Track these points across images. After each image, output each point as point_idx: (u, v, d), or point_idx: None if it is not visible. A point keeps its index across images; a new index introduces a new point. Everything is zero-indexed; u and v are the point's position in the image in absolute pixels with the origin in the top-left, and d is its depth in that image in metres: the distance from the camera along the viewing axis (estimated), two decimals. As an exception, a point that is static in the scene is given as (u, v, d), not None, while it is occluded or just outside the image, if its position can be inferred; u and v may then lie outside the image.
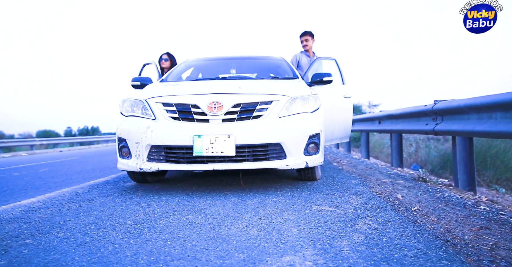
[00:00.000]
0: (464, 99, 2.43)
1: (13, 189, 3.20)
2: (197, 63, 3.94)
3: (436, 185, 2.71)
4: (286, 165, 2.35)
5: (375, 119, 4.80)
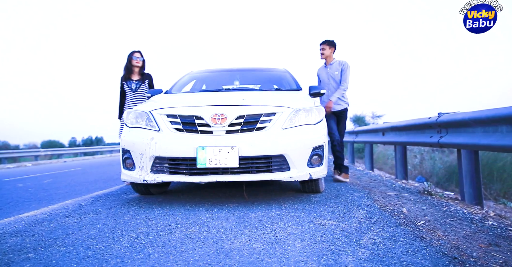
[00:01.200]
0: (468, 113, 2.41)
1: (17, 201, 3.20)
2: (201, 75, 3.98)
3: (442, 199, 2.67)
4: (290, 177, 2.33)
5: (379, 131, 4.79)
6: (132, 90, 3.72)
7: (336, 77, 3.77)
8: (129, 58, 3.77)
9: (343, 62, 3.75)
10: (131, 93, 3.73)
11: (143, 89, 3.76)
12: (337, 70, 3.73)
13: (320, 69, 3.94)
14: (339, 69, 3.73)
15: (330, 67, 3.81)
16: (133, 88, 3.72)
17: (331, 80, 3.80)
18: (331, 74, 3.79)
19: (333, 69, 3.78)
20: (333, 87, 3.77)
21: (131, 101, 3.73)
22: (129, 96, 3.74)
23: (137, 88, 3.74)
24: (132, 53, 3.82)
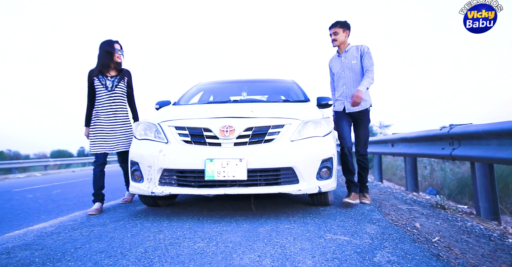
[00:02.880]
0: (482, 125, 2.36)
1: (27, 212, 3.22)
2: (208, 86, 4.01)
3: (456, 213, 2.59)
4: (299, 190, 2.30)
5: (388, 142, 4.72)
6: (108, 89, 2.92)
7: (355, 67, 2.94)
8: (107, 50, 2.93)
9: (363, 46, 2.95)
10: (105, 92, 2.92)
11: (122, 89, 3.00)
12: (355, 58, 2.94)
13: (332, 59, 3.16)
14: (358, 57, 2.94)
15: (345, 55, 3.01)
16: (109, 86, 2.93)
17: (348, 71, 2.98)
18: (346, 64, 2.98)
19: (349, 58, 2.99)
20: (352, 80, 2.97)
21: (106, 102, 2.92)
22: (103, 96, 2.92)
23: (115, 86, 2.95)
24: (111, 43, 2.96)
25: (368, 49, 2.96)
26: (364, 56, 2.92)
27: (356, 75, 2.94)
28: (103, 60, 2.93)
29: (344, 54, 3.02)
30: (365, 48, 2.96)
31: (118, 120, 2.97)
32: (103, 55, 2.94)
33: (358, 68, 2.94)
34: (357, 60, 2.94)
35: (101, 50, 2.94)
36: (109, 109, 2.93)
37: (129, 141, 2.98)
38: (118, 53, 2.98)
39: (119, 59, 3.00)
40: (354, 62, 2.94)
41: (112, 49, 2.94)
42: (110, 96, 2.93)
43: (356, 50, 2.96)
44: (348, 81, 2.99)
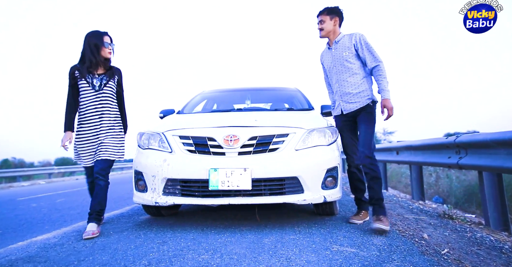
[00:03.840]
0: (489, 134, 2.33)
1: (31, 222, 3.21)
2: (212, 94, 4.02)
3: (464, 223, 2.54)
4: (304, 200, 2.28)
5: (393, 149, 4.68)
6: (95, 89, 2.48)
7: (349, 58, 2.46)
8: (94, 43, 2.45)
9: (356, 35, 2.46)
10: (91, 93, 2.47)
11: (111, 88, 2.55)
12: (347, 49, 2.46)
13: (323, 53, 2.70)
14: (351, 47, 2.45)
15: (336, 47, 2.53)
16: (97, 85, 2.48)
17: (339, 65, 2.50)
18: (337, 57, 2.50)
19: (340, 49, 2.50)
20: (345, 76, 2.48)
21: (92, 104, 2.47)
22: (89, 96, 2.47)
23: (103, 85, 2.50)
24: (99, 35, 2.48)
25: (364, 38, 2.45)
26: (361, 48, 2.43)
27: (349, 70, 2.46)
28: (90, 56, 2.45)
29: (335, 45, 2.54)
30: (359, 36, 2.45)
31: (104, 125, 2.50)
32: (90, 49, 2.45)
33: (351, 61, 2.46)
34: (350, 52, 2.45)
35: (87, 43, 2.46)
36: (95, 112, 2.47)
37: (115, 149, 2.52)
38: (108, 47, 2.50)
39: (109, 55, 2.53)
40: (345, 54, 2.46)
41: (101, 42, 2.46)
42: (97, 97, 2.47)
43: (349, 39, 2.48)
44: (341, 78, 2.50)
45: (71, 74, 2.49)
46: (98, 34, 2.48)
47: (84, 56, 2.49)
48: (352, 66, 2.47)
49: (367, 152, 2.35)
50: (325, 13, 2.51)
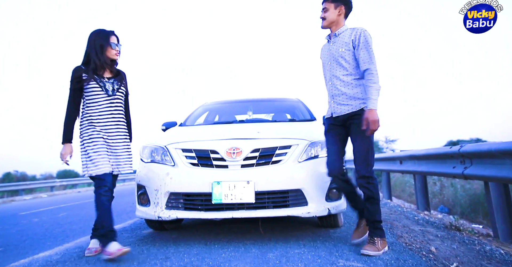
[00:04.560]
0: (495, 143, 2.31)
1: (32, 238, 3.18)
2: (214, 106, 4.04)
3: (472, 235, 2.50)
4: (308, 213, 2.25)
5: (396, 159, 4.65)
6: (108, 93, 2.24)
7: (345, 55, 2.13)
8: (99, 43, 2.21)
9: (358, 30, 2.13)
10: (104, 97, 2.22)
11: (122, 94, 2.34)
12: (345, 45, 2.14)
13: (323, 47, 2.37)
14: (349, 43, 2.13)
15: (335, 41, 2.22)
16: (109, 89, 2.25)
17: (334, 62, 2.19)
18: (334, 52, 2.19)
19: (338, 44, 2.18)
20: (339, 73, 2.16)
21: (107, 109, 2.23)
22: (103, 102, 2.22)
23: (115, 90, 2.28)
24: (106, 35, 2.24)
25: (366, 34, 2.11)
26: (359, 45, 2.10)
27: (344, 68, 2.15)
28: (95, 57, 2.20)
29: (334, 38, 2.22)
30: (361, 32, 2.12)
31: (121, 134, 2.30)
32: (96, 50, 2.20)
33: (347, 59, 2.14)
34: (347, 48, 2.13)
35: (92, 43, 2.21)
36: (111, 118, 2.24)
37: (131, 161, 2.37)
38: (115, 48, 2.26)
39: (116, 57, 2.29)
40: (342, 50, 2.14)
41: (107, 42, 2.21)
42: (111, 103, 2.24)
43: (350, 34, 2.15)
44: (334, 76, 2.19)
45: (77, 77, 2.18)
46: (104, 33, 2.23)
47: (88, 57, 2.24)
48: (347, 65, 2.14)
49: (363, 171, 2.06)
50: (330, 0, 2.18)
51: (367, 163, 2.06)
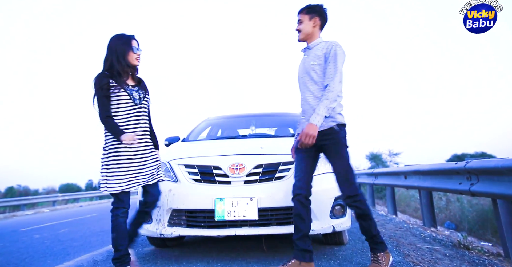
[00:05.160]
0: (501, 160, 2.28)
1: (33, 256, 3.14)
2: (216, 121, 4.05)
3: (482, 254, 2.43)
4: (312, 230, 2.21)
5: (401, 174, 4.60)
6: (135, 102, 2.11)
7: (316, 69, 2.05)
8: (121, 48, 2.08)
9: (332, 43, 2.05)
10: (131, 106, 2.09)
11: (147, 103, 2.22)
12: (318, 58, 2.06)
13: (300, 61, 2.25)
14: (321, 57, 2.05)
15: (308, 54, 2.15)
16: (137, 98, 2.12)
17: (306, 75, 2.11)
18: (306, 65, 2.12)
19: (311, 57, 2.11)
20: (309, 88, 2.08)
21: (134, 119, 2.09)
22: (130, 111, 2.08)
23: (141, 98, 2.16)
24: (127, 40, 2.11)
25: (337, 49, 2.01)
26: (329, 60, 2.00)
27: (315, 83, 2.05)
28: (116, 63, 2.06)
29: (308, 51, 2.15)
30: (334, 46, 2.03)
31: (148, 143, 2.16)
32: (117, 55, 2.07)
33: (318, 73, 2.05)
34: (319, 62, 2.04)
35: (113, 49, 2.08)
36: (138, 128, 2.09)
37: (160, 170, 2.23)
38: (137, 53, 2.12)
39: (137, 62, 2.15)
40: (313, 63, 2.06)
41: (128, 47, 2.08)
42: (138, 112, 2.10)
43: (323, 47, 2.07)
44: (305, 91, 2.10)
45: (105, 83, 2.03)
46: (125, 38, 2.11)
47: (109, 63, 2.09)
48: (319, 80, 2.04)
49: (347, 191, 1.98)
50: (305, 12, 2.11)
51: (349, 183, 1.98)
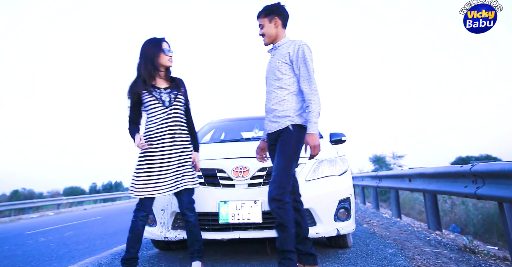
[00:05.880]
0: (508, 163, 2.24)
1: (38, 259, 3.16)
2: (220, 124, 4.06)
3: (488, 258, 2.41)
4: (316, 233, 2.21)
5: (405, 176, 4.57)
6: (165, 105, 2.12)
7: (281, 68, 2.02)
8: (152, 51, 2.13)
9: (299, 44, 2.01)
10: (161, 109, 2.11)
11: (181, 103, 2.18)
12: (283, 57, 2.03)
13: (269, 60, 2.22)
14: (286, 56, 2.02)
15: (274, 53, 2.12)
16: (166, 100, 2.13)
17: (271, 75, 2.09)
18: (272, 64, 2.09)
19: (277, 56, 2.08)
20: (273, 88, 2.06)
21: (163, 122, 2.10)
22: (159, 114, 2.10)
23: (172, 100, 2.15)
24: (157, 42, 2.15)
25: (305, 49, 1.99)
26: (297, 61, 1.98)
27: (278, 81, 2.03)
28: (148, 66, 2.10)
29: (274, 51, 2.13)
30: (299, 45, 2.00)
31: (177, 147, 2.11)
32: (147, 59, 2.11)
33: (283, 72, 2.02)
34: (284, 61, 2.02)
35: (143, 53, 2.13)
36: (167, 132, 2.09)
37: (191, 176, 2.15)
38: (169, 54, 2.16)
39: (170, 63, 2.18)
40: (278, 63, 2.03)
41: (159, 49, 2.12)
42: (168, 114, 2.10)
43: (288, 47, 2.04)
44: (269, 90, 2.08)
45: (134, 93, 2.10)
46: (156, 41, 2.15)
47: (138, 69, 2.14)
48: (283, 78, 2.01)
49: (274, 192, 1.86)
50: (263, 15, 2.08)
51: (279, 185, 1.87)
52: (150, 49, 2.12)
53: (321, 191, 2.30)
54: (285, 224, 1.84)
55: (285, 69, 2.01)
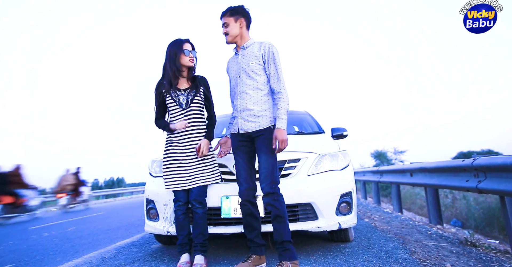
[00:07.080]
0: (509, 157, 2.25)
1: (42, 254, 3.19)
2: (220, 119, 4.05)
3: (489, 251, 2.42)
4: (318, 227, 2.22)
5: (406, 171, 4.58)
6: (182, 107, 2.26)
7: (255, 69, 2.12)
8: (173, 52, 2.23)
9: (266, 44, 2.15)
10: (179, 111, 2.26)
11: (199, 104, 2.30)
12: (256, 58, 2.13)
13: (230, 60, 2.31)
14: (259, 57, 2.13)
15: (243, 54, 2.19)
16: (183, 102, 2.27)
17: (244, 75, 2.15)
18: (243, 65, 2.16)
19: (248, 56, 2.16)
20: (248, 89, 2.13)
21: None
22: (177, 116, 2.26)
23: (190, 102, 2.27)
24: (179, 44, 2.25)
25: (273, 49, 2.12)
26: (269, 62, 2.11)
27: (253, 81, 2.11)
28: (171, 68, 2.21)
29: (242, 51, 2.20)
30: (269, 47, 2.13)
31: (194, 145, 2.25)
32: (169, 59, 2.23)
33: (258, 73, 2.12)
34: (257, 62, 2.12)
35: (167, 55, 2.25)
36: (184, 132, 2.24)
37: (209, 172, 2.28)
38: (189, 55, 2.24)
39: (191, 63, 2.26)
40: (252, 63, 2.13)
41: (180, 50, 2.21)
42: (185, 116, 2.24)
43: (259, 48, 2.15)
44: (243, 90, 2.14)
45: (159, 92, 2.28)
46: (178, 42, 2.25)
47: (165, 69, 2.27)
48: (258, 79, 2.12)
49: (268, 188, 1.99)
50: (228, 15, 2.15)
51: (272, 180, 2.01)
52: (172, 50, 2.24)
53: (323, 185, 2.30)
54: (281, 214, 1.99)
55: (259, 69, 2.13)
